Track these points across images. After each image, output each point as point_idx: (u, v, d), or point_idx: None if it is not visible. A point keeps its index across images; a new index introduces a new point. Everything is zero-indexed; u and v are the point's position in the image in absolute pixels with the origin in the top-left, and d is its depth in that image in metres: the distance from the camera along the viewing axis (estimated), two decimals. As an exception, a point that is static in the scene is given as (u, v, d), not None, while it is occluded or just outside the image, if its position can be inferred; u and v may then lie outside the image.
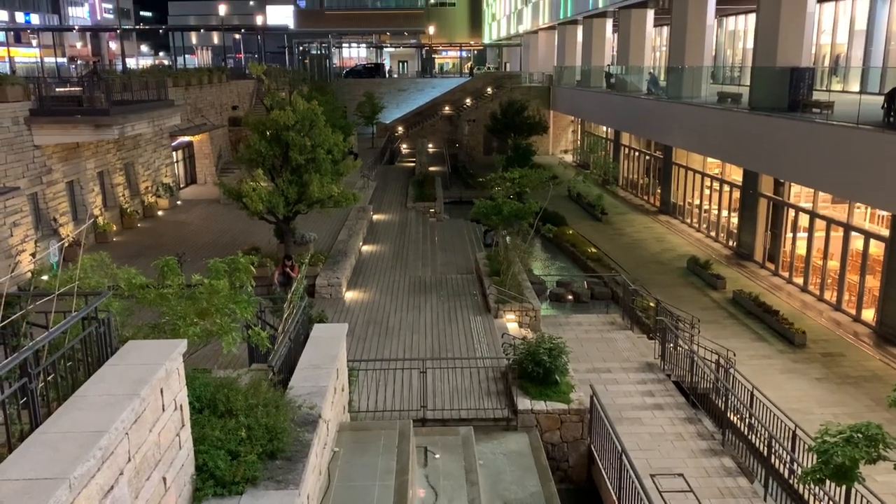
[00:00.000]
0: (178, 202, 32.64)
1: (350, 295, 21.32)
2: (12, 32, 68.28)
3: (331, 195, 21.17)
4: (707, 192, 32.44)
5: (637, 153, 41.92)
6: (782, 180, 25.42)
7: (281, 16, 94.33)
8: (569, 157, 56.09)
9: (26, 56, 69.25)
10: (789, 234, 25.57)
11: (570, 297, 24.68)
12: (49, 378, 5.28)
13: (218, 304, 8.23)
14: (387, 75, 75.16)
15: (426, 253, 26.36)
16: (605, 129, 47.30)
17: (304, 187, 21.07)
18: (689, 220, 33.99)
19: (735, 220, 29.30)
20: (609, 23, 45.58)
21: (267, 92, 22.72)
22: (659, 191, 37.68)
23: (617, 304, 23.41)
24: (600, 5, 42.56)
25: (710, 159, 31.23)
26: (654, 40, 46.28)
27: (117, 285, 8.26)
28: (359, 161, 26.69)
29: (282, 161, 21.61)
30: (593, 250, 29.29)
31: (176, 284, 8.42)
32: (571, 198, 39.48)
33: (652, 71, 38.96)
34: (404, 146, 57.83)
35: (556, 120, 57.26)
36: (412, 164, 48.09)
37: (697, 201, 33.38)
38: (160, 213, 30.63)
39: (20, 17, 72.66)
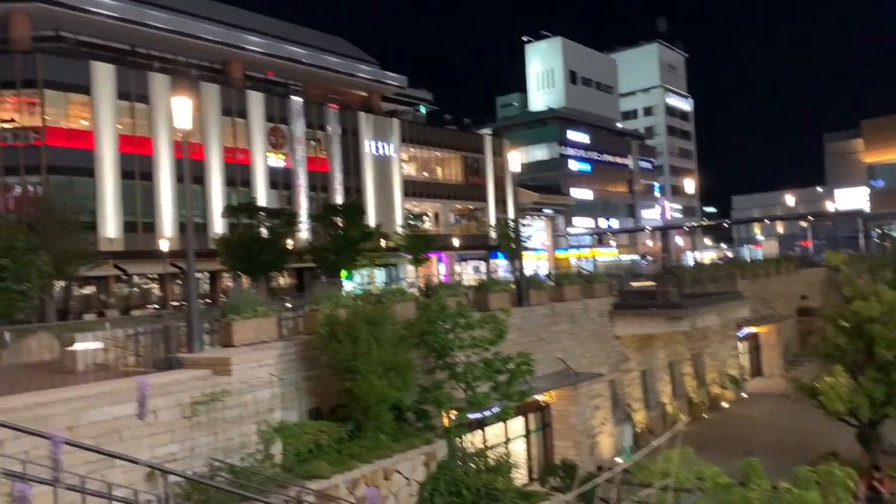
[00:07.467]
0: (744, 395, 31.86)
1: (962, 526, 17.10)
2: (597, 236, 80.00)
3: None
4: None
5: None
6: None
7: (852, 199, 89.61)
8: None
9: (604, 255, 79.60)
10: None
11: None
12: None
13: (809, 519, 7.43)
14: None
15: None
16: None
17: (894, 387, 18.42)
18: None
19: None
20: None
21: (845, 281, 21.20)
22: None
23: None
24: None
25: None
26: None
27: (701, 481, 8.18)
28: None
29: (865, 357, 19.47)
30: None
31: (761, 488, 7.93)
32: None
33: None
34: None
35: None
36: None
37: None
38: (725, 404, 30.24)
39: (602, 222, 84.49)
